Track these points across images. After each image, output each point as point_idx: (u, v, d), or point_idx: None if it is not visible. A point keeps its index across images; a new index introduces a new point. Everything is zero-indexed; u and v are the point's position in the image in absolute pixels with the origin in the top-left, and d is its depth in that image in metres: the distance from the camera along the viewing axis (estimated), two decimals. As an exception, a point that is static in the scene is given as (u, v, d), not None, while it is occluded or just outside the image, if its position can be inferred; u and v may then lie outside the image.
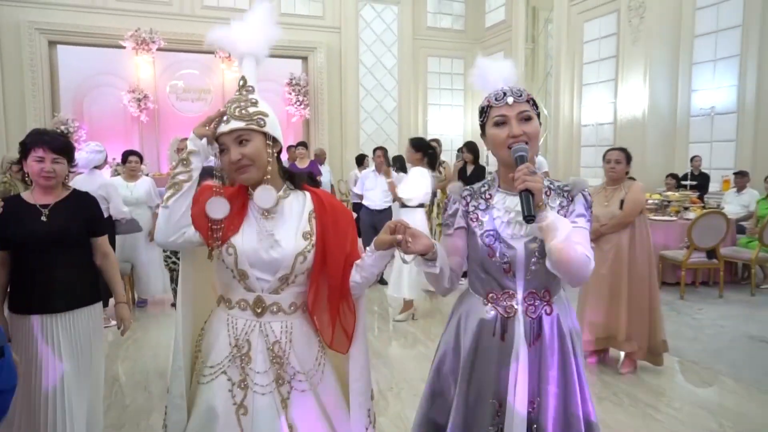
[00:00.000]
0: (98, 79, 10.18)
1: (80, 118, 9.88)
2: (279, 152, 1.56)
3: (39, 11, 9.66)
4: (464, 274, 1.68)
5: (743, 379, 3.43)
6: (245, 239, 1.47)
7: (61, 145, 2.17)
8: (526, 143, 1.47)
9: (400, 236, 1.41)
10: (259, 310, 1.48)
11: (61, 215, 2.17)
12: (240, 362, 1.47)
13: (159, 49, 10.21)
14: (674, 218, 5.77)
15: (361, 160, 9.13)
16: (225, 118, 1.47)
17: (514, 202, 1.52)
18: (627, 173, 3.56)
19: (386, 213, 5.80)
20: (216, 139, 1.49)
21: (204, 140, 1.46)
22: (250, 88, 1.51)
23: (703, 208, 6.02)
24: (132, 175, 5.25)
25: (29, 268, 2.12)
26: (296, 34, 11.46)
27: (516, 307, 1.53)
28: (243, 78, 1.53)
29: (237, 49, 1.55)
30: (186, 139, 1.66)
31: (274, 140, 1.51)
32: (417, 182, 4.86)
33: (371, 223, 5.70)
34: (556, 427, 1.50)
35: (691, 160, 7.62)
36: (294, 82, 11.32)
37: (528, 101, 1.54)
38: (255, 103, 1.49)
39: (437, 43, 13.04)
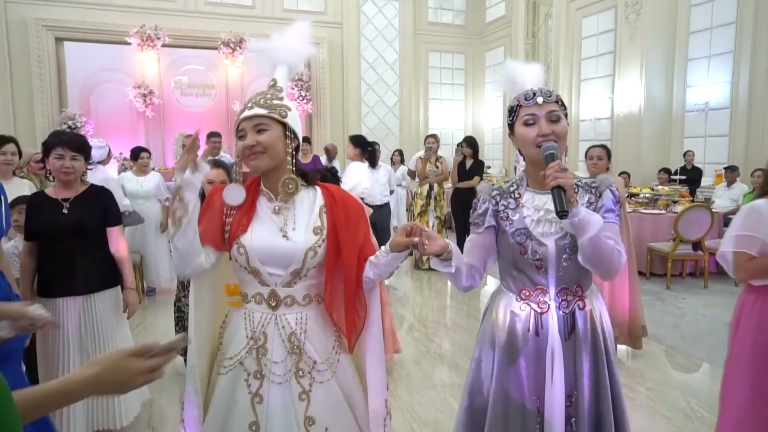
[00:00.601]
0: (104, 75, 10.35)
1: (87, 114, 10.08)
2: (297, 148, 1.57)
3: (46, 8, 9.85)
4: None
5: (716, 362, 3.65)
6: (254, 237, 1.51)
7: (78, 144, 2.38)
8: (555, 142, 1.51)
9: (417, 239, 1.46)
10: (273, 304, 1.53)
11: (80, 207, 2.37)
12: (256, 353, 1.52)
13: (164, 46, 10.38)
14: (663, 211, 5.94)
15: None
16: (249, 104, 1.52)
17: (543, 200, 1.58)
18: (608, 169, 3.73)
19: (385, 209, 5.94)
20: (237, 126, 1.54)
21: (188, 171, 1.44)
22: (279, 88, 1.59)
23: (692, 201, 6.19)
24: (143, 171, 5.51)
25: (53, 255, 2.34)
26: (299, 30, 11.61)
27: (549, 302, 1.57)
28: (274, 80, 1.61)
29: (274, 57, 1.64)
30: (190, 135, 1.73)
31: (294, 135, 1.54)
32: (353, 175, 5.24)
33: (373, 220, 5.76)
34: (591, 420, 1.53)
35: (684, 155, 7.77)
36: (296, 77, 11.47)
37: (557, 102, 1.58)
38: (281, 99, 1.55)
39: (438, 38, 13.16)
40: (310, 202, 1.58)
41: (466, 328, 4.39)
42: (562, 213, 1.43)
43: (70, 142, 2.35)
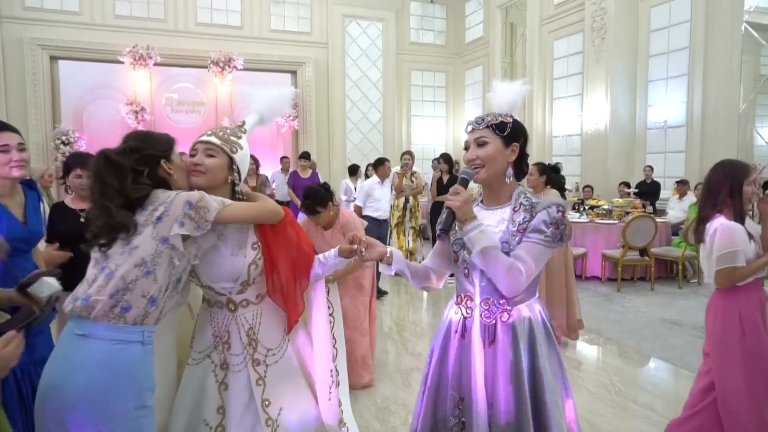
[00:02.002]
0: (97, 93, 10.74)
1: (80, 130, 10.45)
2: (235, 183, 1.79)
3: (42, 28, 10.25)
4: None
5: (642, 349, 4.23)
6: (202, 262, 1.70)
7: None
8: (481, 166, 1.65)
9: (356, 246, 1.73)
10: (232, 308, 1.79)
11: None
12: (222, 348, 1.78)
13: (156, 64, 10.80)
14: (616, 221, 6.46)
15: (354, 171, 9.14)
16: (209, 132, 1.76)
17: (484, 215, 1.69)
18: (546, 183, 4.22)
19: (386, 223, 6.27)
20: (193, 144, 1.75)
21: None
22: (244, 130, 1.84)
23: (644, 212, 6.71)
24: None
25: (72, 259, 2.74)
26: (286, 50, 12.13)
27: (474, 309, 1.67)
28: (243, 121, 1.87)
29: (252, 104, 1.88)
30: (183, 152, 1.92)
31: (238, 170, 1.77)
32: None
33: (378, 234, 5.80)
34: (510, 427, 1.56)
35: (644, 169, 8.33)
36: (291, 100, 11.91)
37: (489, 126, 1.66)
38: (239, 137, 1.79)
39: (420, 57, 13.72)
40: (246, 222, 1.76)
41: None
42: (442, 231, 1.62)
43: (85, 163, 2.78)
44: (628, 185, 8.02)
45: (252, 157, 6.10)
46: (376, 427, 3.00)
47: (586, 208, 7.24)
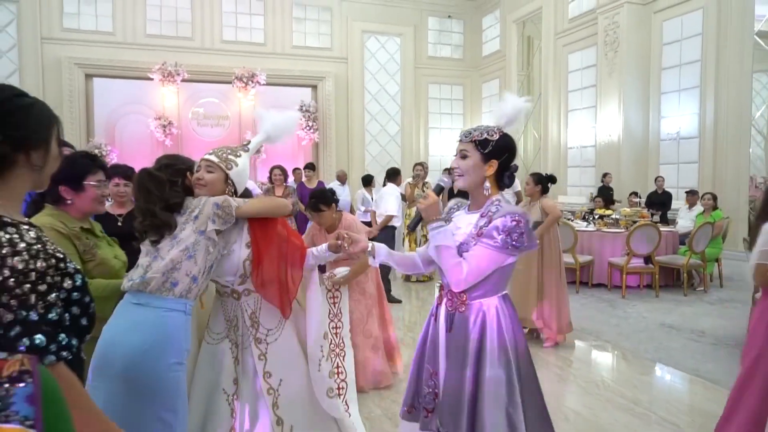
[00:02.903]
0: (128, 108, 11.29)
1: (112, 143, 11.00)
2: (234, 193, 2.10)
3: (78, 47, 10.87)
4: None
5: (636, 351, 4.38)
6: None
7: (130, 174, 3.14)
8: (460, 176, 1.84)
9: (340, 242, 2.02)
10: (236, 296, 2.13)
11: (130, 221, 3.12)
12: (234, 331, 2.14)
13: (183, 80, 11.33)
14: (622, 230, 6.60)
15: (368, 181, 9.14)
16: (211, 151, 2.10)
17: (461, 216, 1.90)
18: (541, 192, 4.46)
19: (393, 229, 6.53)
20: (199, 161, 2.08)
21: None
22: (246, 148, 2.17)
23: (652, 222, 6.84)
24: None
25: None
26: (307, 65, 12.57)
27: (444, 298, 1.87)
28: (248, 140, 2.22)
29: (262, 125, 2.21)
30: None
31: (233, 183, 2.08)
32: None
33: (388, 240, 6.04)
34: (449, 407, 1.77)
35: (655, 180, 8.42)
36: (304, 108, 12.34)
37: (473, 141, 1.82)
38: (237, 155, 2.10)
39: (437, 71, 14.02)
40: (242, 224, 2.08)
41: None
42: (408, 227, 2.00)
43: (124, 173, 3.12)
44: (636, 195, 8.13)
45: (280, 167, 6.54)
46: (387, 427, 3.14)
47: (595, 217, 7.38)
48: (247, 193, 3.01)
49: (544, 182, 4.47)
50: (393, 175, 6.86)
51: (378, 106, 13.46)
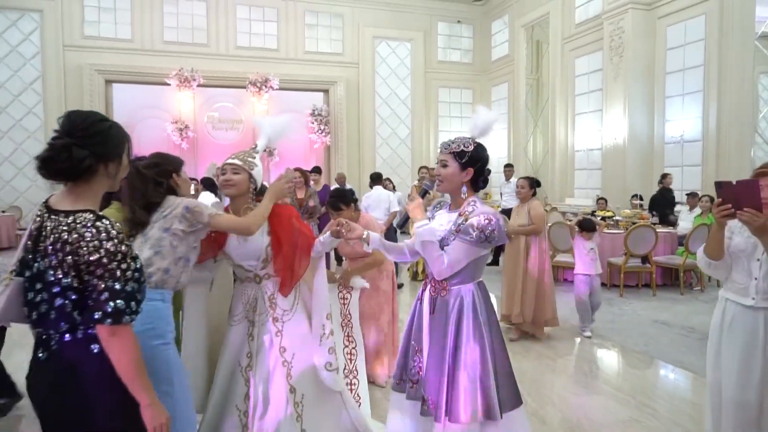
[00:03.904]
0: (146, 112, 11.68)
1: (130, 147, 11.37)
2: (256, 189, 2.42)
3: (98, 54, 11.29)
4: None
5: (625, 344, 4.59)
6: (231, 246, 2.37)
7: None
8: (441, 182, 2.14)
9: (338, 228, 2.32)
10: (258, 280, 2.42)
11: None
12: (252, 312, 2.42)
13: (199, 86, 11.70)
14: (621, 231, 6.77)
15: (378, 179, 9.01)
16: (233, 156, 2.39)
17: (441, 215, 2.19)
18: (533, 195, 4.66)
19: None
20: (222, 165, 2.39)
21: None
22: (257, 151, 2.48)
23: (653, 224, 6.99)
24: (195, 196, 6.67)
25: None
26: (319, 70, 12.88)
27: (428, 285, 2.17)
28: (256, 144, 2.54)
29: (263, 129, 2.53)
30: (220, 167, 2.63)
31: (254, 180, 2.40)
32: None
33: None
34: (433, 378, 2.03)
35: (663, 177, 8.43)
36: (316, 112, 12.65)
37: (451, 153, 2.11)
38: (253, 157, 2.43)
39: (447, 75, 14.25)
40: None
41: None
42: (397, 226, 2.27)
43: None
44: (637, 197, 8.29)
45: (299, 170, 6.81)
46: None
47: (598, 219, 7.54)
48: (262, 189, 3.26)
49: (535, 186, 4.69)
50: (378, 179, 7.31)
51: (388, 110, 13.72)
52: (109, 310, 1.39)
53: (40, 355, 1.49)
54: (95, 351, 1.45)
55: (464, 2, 13.95)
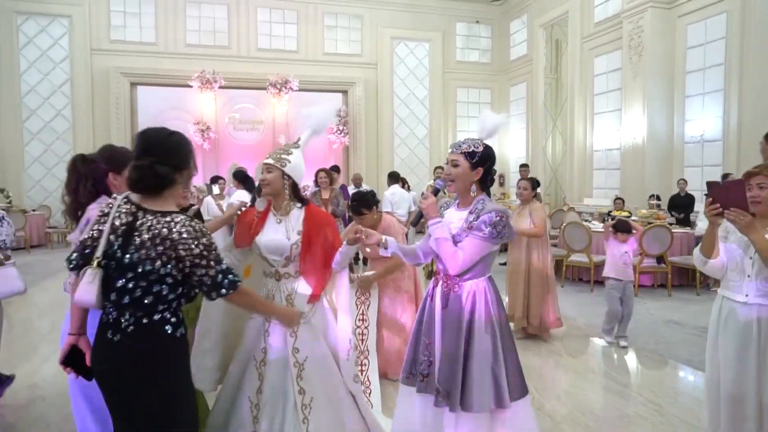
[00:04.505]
0: (169, 114, 11.95)
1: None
2: (294, 185, 2.41)
3: (124, 58, 11.62)
4: None
5: (635, 342, 4.60)
6: (263, 238, 2.38)
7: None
8: (452, 181, 2.20)
9: (357, 235, 2.27)
10: (277, 278, 2.41)
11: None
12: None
13: (220, 87, 11.95)
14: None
15: (396, 178, 8.86)
16: (268, 155, 2.42)
17: (455, 214, 2.23)
18: (534, 196, 4.69)
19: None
20: (260, 166, 2.46)
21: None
22: (297, 145, 2.45)
23: (670, 224, 6.94)
24: (221, 196, 6.89)
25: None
26: (337, 71, 13.04)
27: (439, 281, 2.22)
28: (299, 138, 2.50)
29: (309, 122, 2.49)
30: (241, 167, 2.80)
31: (289, 177, 2.39)
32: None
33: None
34: (447, 369, 2.11)
35: (678, 182, 8.46)
36: (335, 113, 12.81)
37: (462, 153, 2.18)
38: (289, 153, 2.40)
39: (465, 75, 14.28)
40: (297, 216, 2.44)
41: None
42: (411, 223, 2.35)
43: None
44: (654, 197, 8.24)
45: (324, 170, 6.88)
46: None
47: (613, 218, 7.52)
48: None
49: (536, 187, 4.73)
50: (396, 178, 7.50)
51: (407, 110, 13.81)
52: (227, 283, 1.76)
53: (113, 337, 1.71)
54: (168, 332, 1.72)
55: (482, 2, 13.97)
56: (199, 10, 12.14)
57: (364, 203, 3.54)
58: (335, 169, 8.84)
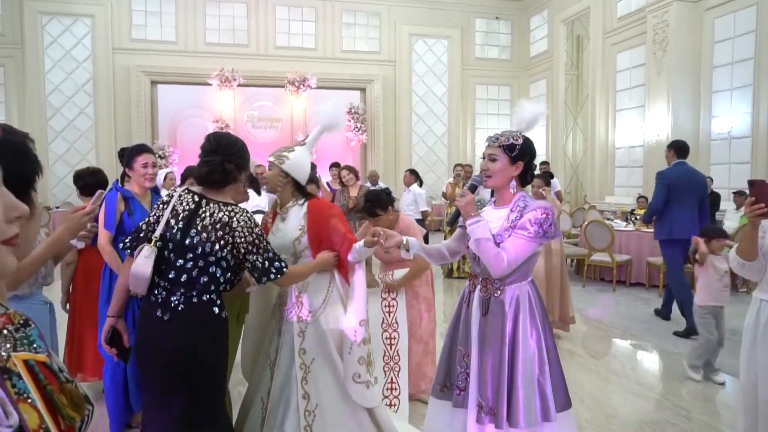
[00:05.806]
0: (189, 112, 12.06)
1: (174, 145, 11.78)
2: (294, 181, 2.37)
3: (145, 56, 11.71)
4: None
5: (660, 346, 4.51)
6: (271, 237, 2.34)
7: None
8: (489, 177, 2.04)
9: (376, 238, 2.17)
10: None
11: None
12: (281, 307, 2.44)
13: (239, 85, 11.99)
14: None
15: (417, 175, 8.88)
16: (271, 153, 2.43)
17: (489, 212, 2.09)
18: (548, 191, 4.60)
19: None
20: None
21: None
22: (302, 142, 2.47)
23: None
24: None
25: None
26: (356, 68, 12.98)
27: (476, 286, 2.06)
28: (306, 135, 2.53)
29: (320, 119, 2.50)
30: (261, 165, 2.78)
31: (286, 174, 2.34)
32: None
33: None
34: (490, 382, 1.95)
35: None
36: (353, 110, 12.75)
37: (500, 146, 2.01)
38: (291, 151, 2.38)
39: (485, 72, 14.10)
40: (299, 211, 2.39)
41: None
42: (448, 225, 2.27)
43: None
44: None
45: (348, 168, 6.76)
46: None
47: (636, 217, 7.36)
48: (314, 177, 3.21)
49: (548, 182, 4.65)
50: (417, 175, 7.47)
51: (425, 108, 13.70)
52: (275, 269, 2.00)
53: (163, 316, 1.89)
54: (216, 312, 1.93)
55: (502, -2, 13.80)
56: (219, 8, 12.19)
57: (379, 203, 3.20)
58: (337, 165, 8.76)
